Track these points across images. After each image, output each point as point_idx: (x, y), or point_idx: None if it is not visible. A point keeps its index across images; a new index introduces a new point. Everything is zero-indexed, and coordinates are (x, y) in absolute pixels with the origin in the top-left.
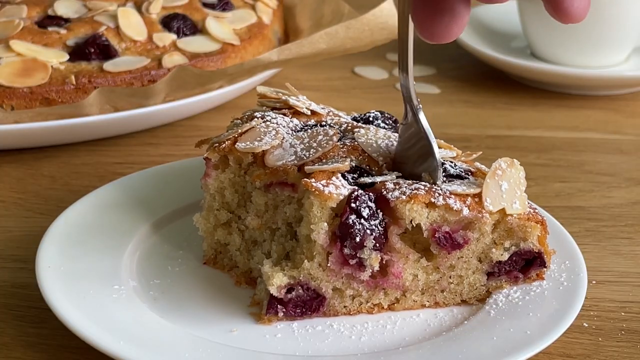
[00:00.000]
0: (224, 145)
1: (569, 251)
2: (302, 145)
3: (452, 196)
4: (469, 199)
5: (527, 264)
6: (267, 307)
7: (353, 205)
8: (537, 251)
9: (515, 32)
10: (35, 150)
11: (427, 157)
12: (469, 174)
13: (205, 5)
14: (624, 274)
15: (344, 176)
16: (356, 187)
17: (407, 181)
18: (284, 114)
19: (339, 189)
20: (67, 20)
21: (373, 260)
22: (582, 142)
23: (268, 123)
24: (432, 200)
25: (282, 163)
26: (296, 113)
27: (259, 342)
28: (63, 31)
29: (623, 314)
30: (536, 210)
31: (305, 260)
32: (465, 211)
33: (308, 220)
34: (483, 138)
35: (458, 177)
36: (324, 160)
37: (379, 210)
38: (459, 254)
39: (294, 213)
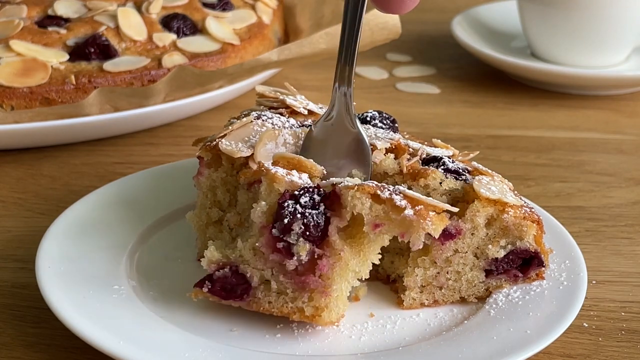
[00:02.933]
0: (214, 143)
1: (569, 251)
2: (294, 142)
3: (401, 195)
4: (421, 205)
5: (525, 263)
6: (198, 281)
7: (296, 192)
8: (533, 250)
9: (515, 32)
10: (35, 150)
11: (359, 156)
12: (466, 172)
13: (205, 5)
14: (624, 274)
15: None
16: (313, 184)
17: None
18: (281, 114)
19: (294, 178)
20: (67, 20)
21: (301, 247)
22: (582, 142)
23: (263, 122)
24: (378, 192)
25: (268, 164)
26: (293, 113)
27: (258, 342)
28: (63, 31)
29: (623, 313)
30: (533, 210)
31: (239, 240)
32: (408, 212)
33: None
34: (483, 138)
35: (456, 172)
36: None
37: (321, 203)
38: (454, 246)
39: (247, 203)
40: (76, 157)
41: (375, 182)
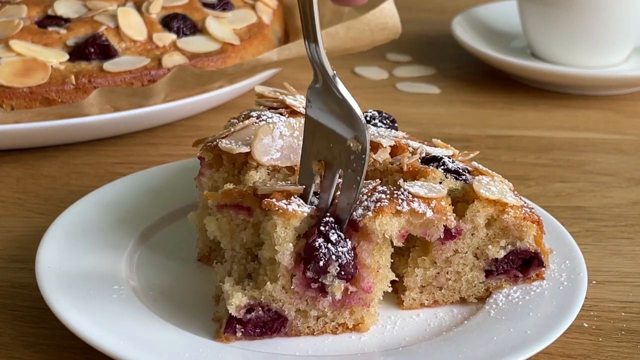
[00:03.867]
0: (214, 143)
1: (569, 251)
2: (290, 133)
3: (415, 199)
4: (434, 201)
5: (525, 263)
6: (225, 326)
7: (322, 228)
8: (533, 251)
9: (516, 32)
10: (35, 150)
11: (351, 122)
12: (466, 172)
13: (205, 5)
14: (624, 274)
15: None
16: (318, 209)
17: (363, 191)
18: (281, 114)
19: (301, 207)
20: (67, 20)
21: (335, 288)
22: (582, 142)
23: (263, 122)
24: (398, 208)
25: (267, 159)
26: (293, 113)
27: (259, 342)
28: (63, 31)
29: (623, 314)
30: (533, 210)
31: (268, 282)
32: (429, 213)
33: (271, 243)
34: (483, 138)
35: (456, 172)
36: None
37: (347, 239)
38: (454, 246)
39: (252, 238)
40: (76, 157)
41: (384, 193)
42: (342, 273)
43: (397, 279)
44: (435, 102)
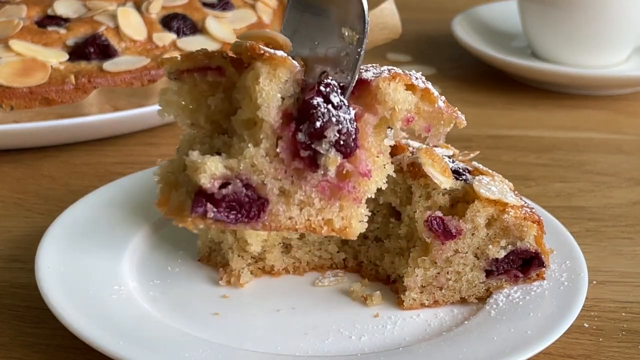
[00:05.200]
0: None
1: (569, 251)
2: None
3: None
4: (443, 97)
5: (525, 263)
6: (193, 204)
7: (322, 88)
8: (534, 251)
9: (516, 32)
10: (35, 150)
11: (347, 7)
12: (467, 172)
13: (205, 5)
14: (624, 274)
15: None
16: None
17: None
18: None
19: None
20: (66, 20)
21: (330, 160)
22: (583, 142)
23: None
24: (414, 82)
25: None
26: None
27: (259, 342)
28: (63, 31)
29: (624, 314)
30: (533, 210)
31: (250, 146)
32: (441, 103)
33: (251, 99)
34: (483, 138)
35: (456, 172)
36: None
37: (350, 107)
38: (454, 246)
39: (221, 105)
40: (76, 157)
41: (393, 68)
42: (341, 143)
43: (395, 279)
44: None
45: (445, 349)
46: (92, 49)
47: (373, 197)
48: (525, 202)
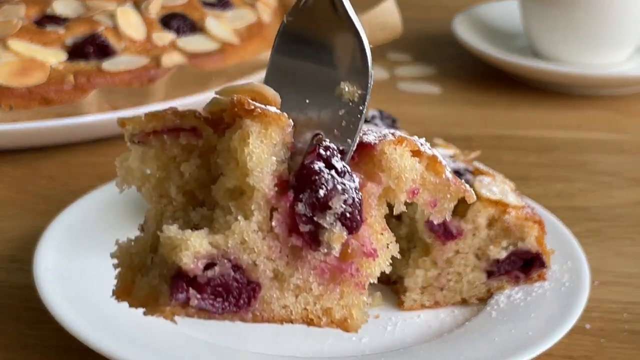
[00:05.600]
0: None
1: (570, 252)
2: None
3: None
4: (449, 169)
5: (527, 264)
6: (171, 290)
7: (322, 152)
8: (535, 251)
9: (517, 32)
10: (34, 150)
11: (350, 60)
12: (468, 172)
13: (205, 4)
14: (626, 275)
15: None
16: (315, 132)
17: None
18: None
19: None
20: (65, 19)
21: (335, 236)
22: (584, 142)
23: None
24: (420, 148)
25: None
26: None
27: (259, 343)
28: (61, 30)
29: (625, 315)
30: (534, 210)
31: (240, 219)
32: (448, 174)
33: (238, 165)
34: (484, 138)
35: (457, 172)
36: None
37: (353, 174)
38: (455, 246)
39: (197, 174)
40: (75, 157)
41: (398, 131)
42: (347, 216)
43: (396, 280)
44: (436, 101)
45: (446, 350)
46: (91, 48)
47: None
48: (526, 203)
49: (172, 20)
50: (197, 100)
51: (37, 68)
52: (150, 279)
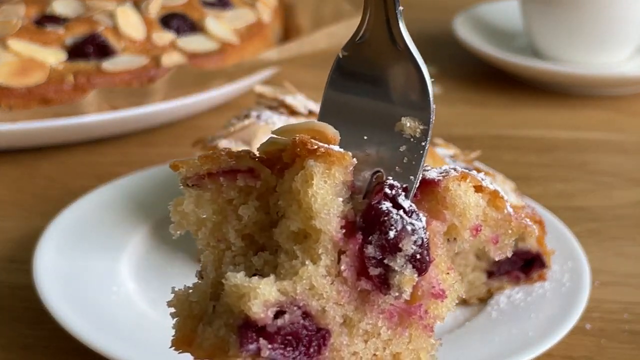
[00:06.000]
0: (214, 143)
1: (571, 252)
2: None
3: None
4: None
5: (527, 264)
6: (240, 340)
7: (388, 190)
8: (535, 252)
9: (517, 31)
10: (33, 150)
11: (410, 94)
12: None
13: (205, 4)
14: (626, 275)
15: None
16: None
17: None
18: (281, 113)
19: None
20: (65, 19)
21: (406, 279)
22: (584, 142)
23: (263, 123)
24: (482, 183)
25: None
26: (293, 112)
27: None
28: (61, 30)
29: (626, 315)
30: (535, 211)
31: (308, 263)
32: (510, 209)
33: (300, 204)
34: (484, 138)
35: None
36: None
37: (420, 213)
38: (455, 247)
39: (256, 216)
40: (74, 157)
41: (458, 166)
42: (417, 257)
43: None
44: (436, 101)
45: (446, 351)
46: (91, 48)
47: None
48: (527, 203)
49: (172, 20)
50: (197, 100)
51: (36, 68)
52: (215, 328)
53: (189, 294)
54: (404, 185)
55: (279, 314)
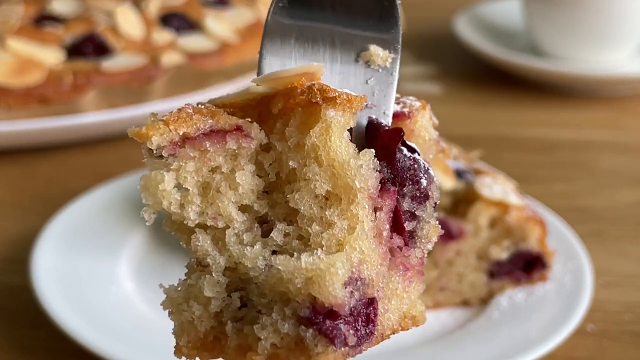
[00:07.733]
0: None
1: (573, 252)
2: None
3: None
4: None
5: (528, 264)
6: (325, 334)
7: (388, 134)
8: (537, 252)
9: (518, 31)
10: (32, 150)
11: (376, 18)
12: (469, 172)
13: (204, 3)
14: (629, 276)
15: None
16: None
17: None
18: None
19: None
20: (64, 18)
21: (433, 228)
22: (587, 142)
23: None
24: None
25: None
26: None
27: None
28: (60, 30)
29: (628, 316)
30: (536, 211)
31: (357, 228)
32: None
33: (327, 162)
34: (486, 137)
35: (458, 172)
36: None
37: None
38: (456, 247)
39: (252, 184)
40: (73, 157)
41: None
42: (435, 204)
43: None
44: (437, 101)
45: (447, 352)
46: (90, 47)
47: None
48: (528, 203)
49: (172, 20)
50: (197, 100)
51: (35, 67)
52: (266, 324)
53: (189, 290)
54: (383, 123)
55: (351, 291)
